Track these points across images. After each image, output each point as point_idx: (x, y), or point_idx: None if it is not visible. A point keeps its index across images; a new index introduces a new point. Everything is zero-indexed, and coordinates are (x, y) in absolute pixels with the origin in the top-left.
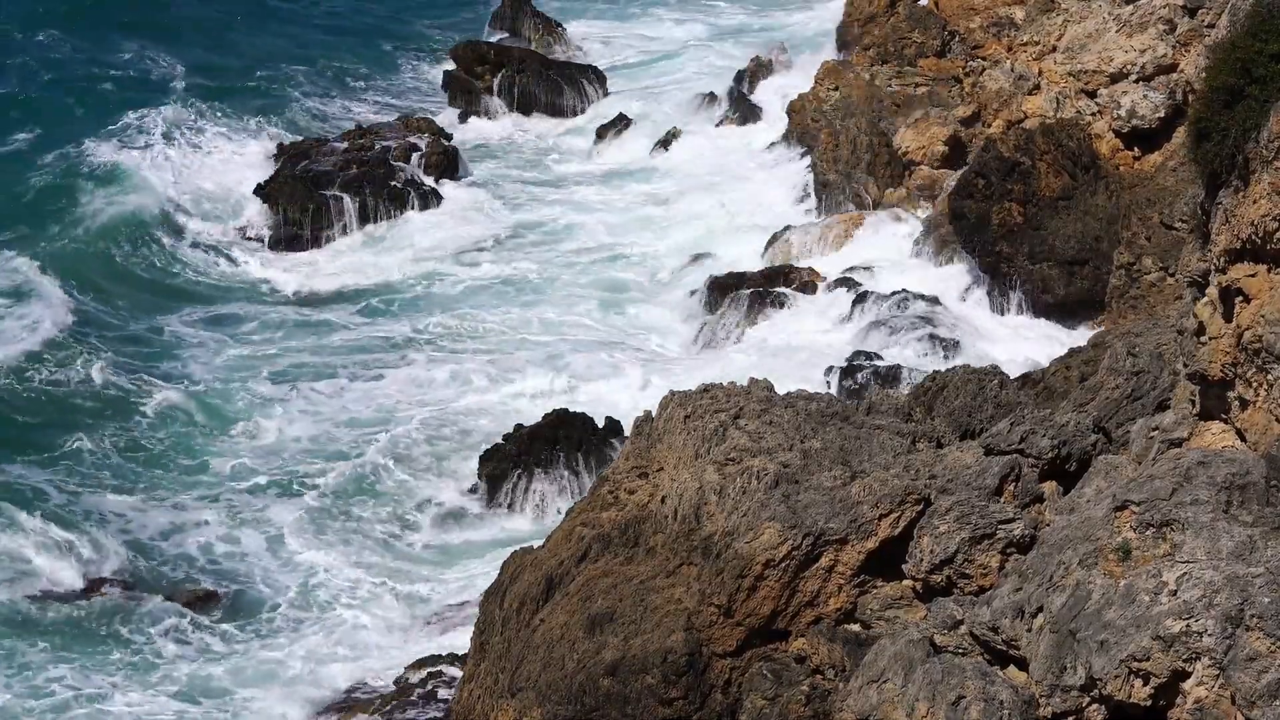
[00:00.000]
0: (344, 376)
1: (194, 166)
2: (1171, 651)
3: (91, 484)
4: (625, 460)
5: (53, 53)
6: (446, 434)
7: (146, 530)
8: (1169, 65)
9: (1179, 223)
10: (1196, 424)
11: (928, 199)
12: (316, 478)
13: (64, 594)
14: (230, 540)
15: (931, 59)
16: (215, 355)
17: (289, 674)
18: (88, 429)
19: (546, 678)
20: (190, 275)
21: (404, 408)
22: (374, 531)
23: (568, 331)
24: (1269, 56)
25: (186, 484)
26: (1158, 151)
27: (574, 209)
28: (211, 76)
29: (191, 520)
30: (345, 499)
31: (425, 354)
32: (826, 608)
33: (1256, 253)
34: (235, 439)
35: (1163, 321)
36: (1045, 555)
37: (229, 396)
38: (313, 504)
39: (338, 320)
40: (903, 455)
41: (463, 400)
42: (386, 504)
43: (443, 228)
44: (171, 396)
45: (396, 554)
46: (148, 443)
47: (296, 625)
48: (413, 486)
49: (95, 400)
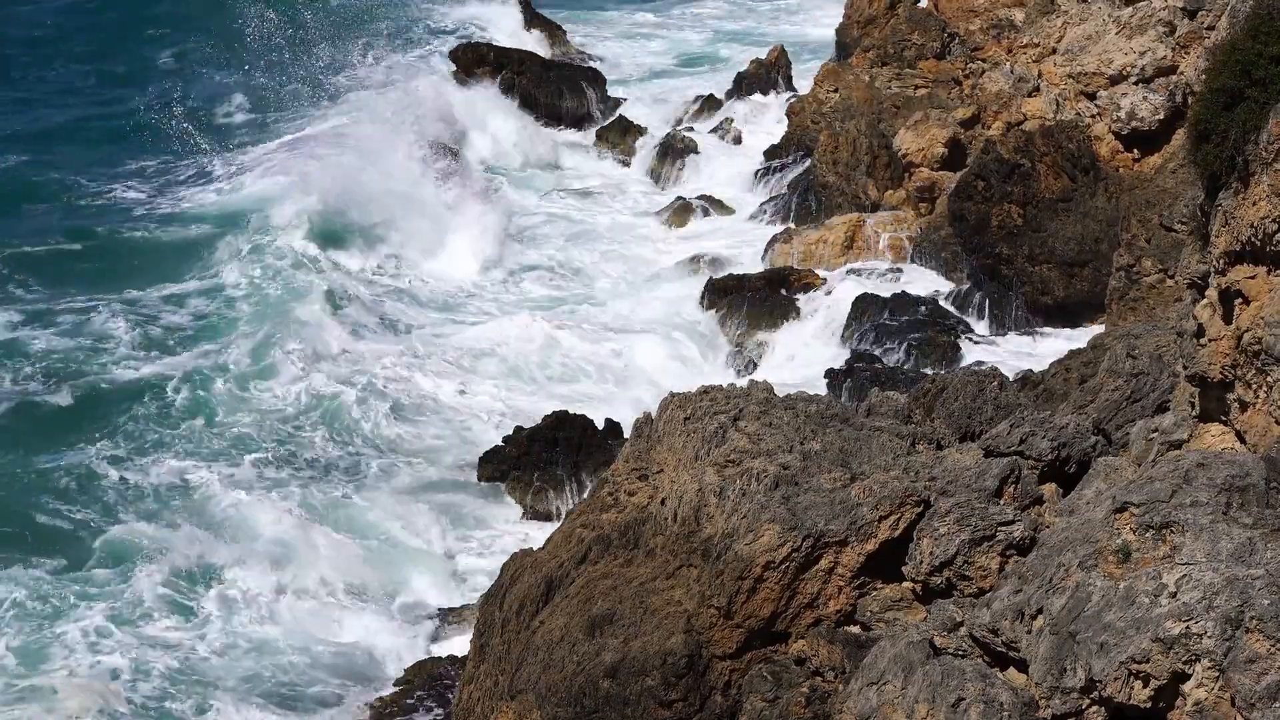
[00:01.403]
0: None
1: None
2: (1171, 653)
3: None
4: (625, 462)
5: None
6: (446, 434)
7: (139, 498)
8: (1169, 67)
9: (1179, 224)
10: (1196, 426)
11: (927, 201)
12: (315, 477)
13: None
14: (217, 528)
15: (931, 61)
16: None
17: (287, 674)
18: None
19: (546, 680)
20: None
21: (404, 406)
22: (374, 531)
23: (568, 331)
24: (1269, 58)
25: (189, 450)
26: (1157, 153)
27: (572, 208)
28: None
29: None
30: (345, 499)
31: (424, 356)
32: (826, 609)
33: (1256, 254)
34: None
35: (1162, 323)
36: (1045, 557)
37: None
38: (312, 503)
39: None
40: (902, 457)
41: (461, 400)
42: (386, 504)
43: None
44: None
45: (396, 554)
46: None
47: (296, 624)
48: (413, 486)
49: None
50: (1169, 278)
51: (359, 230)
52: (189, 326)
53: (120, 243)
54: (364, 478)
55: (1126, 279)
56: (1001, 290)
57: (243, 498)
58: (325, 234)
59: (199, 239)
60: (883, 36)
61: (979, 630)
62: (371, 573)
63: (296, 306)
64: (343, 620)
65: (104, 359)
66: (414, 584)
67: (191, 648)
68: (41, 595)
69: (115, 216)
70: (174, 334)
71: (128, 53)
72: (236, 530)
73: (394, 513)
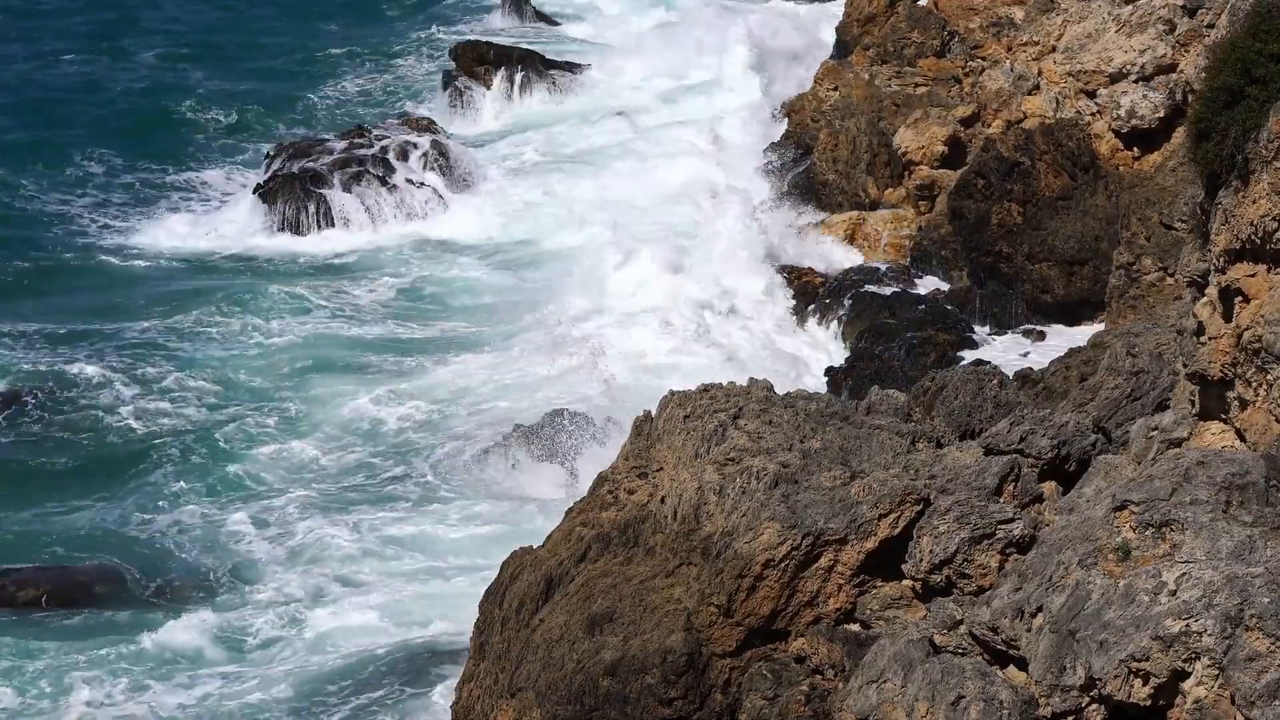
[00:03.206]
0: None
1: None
2: (1171, 651)
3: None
4: (624, 460)
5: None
6: (446, 434)
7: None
8: (1169, 65)
9: (1178, 223)
10: (1196, 424)
11: (927, 199)
12: (313, 474)
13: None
14: (222, 526)
15: (931, 59)
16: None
17: (287, 675)
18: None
19: (546, 678)
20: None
21: (404, 407)
22: (373, 532)
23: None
24: (1269, 57)
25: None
26: (1157, 151)
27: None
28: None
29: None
30: (344, 498)
31: (426, 354)
32: (826, 608)
33: (1256, 253)
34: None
35: (1162, 321)
36: (1045, 555)
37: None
38: (310, 501)
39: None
40: (902, 455)
41: (461, 400)
42: (386, 504)
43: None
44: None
45: (395, 554)
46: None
47: (295, 626)
48: (413, 487)
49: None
50: (1169, 276)
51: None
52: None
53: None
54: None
55: (1126, 277)
56: (1001, 288)
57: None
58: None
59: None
60: (882, 35)
61: (979, 628)
62: (370, 570)
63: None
64: (342, 619)
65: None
66: (414, 582)
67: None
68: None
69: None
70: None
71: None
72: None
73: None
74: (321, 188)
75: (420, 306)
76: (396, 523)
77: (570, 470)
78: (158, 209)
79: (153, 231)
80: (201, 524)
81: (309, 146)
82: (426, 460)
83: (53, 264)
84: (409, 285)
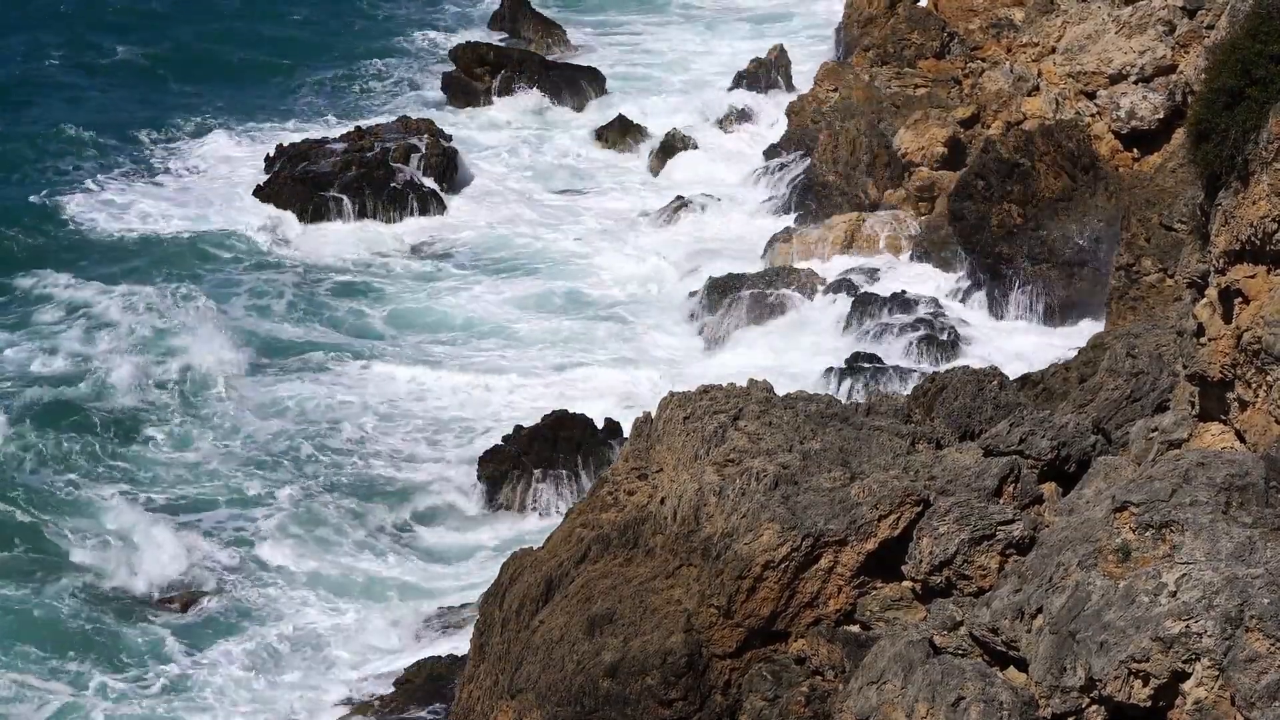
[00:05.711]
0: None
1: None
2: (1171, 652)
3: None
4: (624, 461)
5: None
6: (445, 434)
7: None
8: (1168, 66)
9: (1178, 224)
10: (1196, 425)
11: (927, 200)
12: (313, 475)
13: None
14: (221, 535)
15: (931, 60)
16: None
17: (287, 676)
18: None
19: (546, 679)
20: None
21: (403, 406)
22: (373, 532)
23: (565, 332)
24: (1269, 58)
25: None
26: (1157, 153)
27: (570, 208)
28: (207, 74)
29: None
30: (344, 498)
31: (426, 355)
32: (826, 609)
33: (1256, 254)
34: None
35: (1162, 322)
36: (1045, 556)
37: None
38: (310, 501)
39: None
40: (902, 456)
41: (460, 400)
42: (386, 504)
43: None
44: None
45: (396, 555)
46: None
47: (295, 625)
48: (412, 487)
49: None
50: (1169, 277)
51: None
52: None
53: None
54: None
55: (1126, 278)
56: (1001, 289)
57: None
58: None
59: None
60: (882, 36)
61: (979, 629)
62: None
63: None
64: (342, 620)
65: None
66: (414, 583)
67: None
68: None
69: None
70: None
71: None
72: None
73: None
74: (321, 189)
75: (419, 306)
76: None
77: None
78: (157, 208)
79: (149, 230)
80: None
81: (309, 148)
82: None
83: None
84: (409, 285)
